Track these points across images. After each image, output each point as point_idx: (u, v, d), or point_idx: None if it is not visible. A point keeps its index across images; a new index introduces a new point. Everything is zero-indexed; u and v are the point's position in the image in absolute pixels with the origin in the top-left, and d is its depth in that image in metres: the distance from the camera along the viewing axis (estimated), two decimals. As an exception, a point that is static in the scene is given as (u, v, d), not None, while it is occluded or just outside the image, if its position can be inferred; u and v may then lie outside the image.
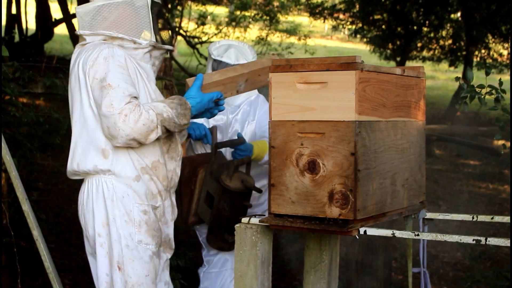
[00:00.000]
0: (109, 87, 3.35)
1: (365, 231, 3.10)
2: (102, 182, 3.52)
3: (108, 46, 3.46)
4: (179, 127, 3.51)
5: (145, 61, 3.64)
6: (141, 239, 3.53)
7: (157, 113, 3.39)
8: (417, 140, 3.57)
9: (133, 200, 3.53)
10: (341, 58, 3.09)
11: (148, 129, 3.35)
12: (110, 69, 3.39)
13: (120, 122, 3.30)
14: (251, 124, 4.52)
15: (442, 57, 20.18)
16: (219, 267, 4.61)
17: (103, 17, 3.55)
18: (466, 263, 7.37)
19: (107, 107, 3.32)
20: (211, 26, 18.68)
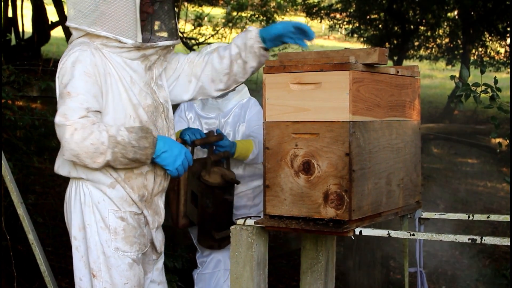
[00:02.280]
0: (68, 95, 3.19)
1: (360, 231, 3.10)
2: (80, 186, 3.41)
3: (80, 49, 3.28)
4: (140, 153, 3.28)
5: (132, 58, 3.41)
6: (118, 246, 3.40)
7: (110, 135, 3.18)
8: (412, 139, 3.57)
9: (109, 206, 3.40)
10: (335, 58, 3.09)
11: (96, 150, 3.16)
12: (74, 75, 3.22)
13: (68, 135, 3.14)
14: (241, 126, 4.54)
15: (439, 55, 20.20)
16: (212, 268, 4.61)
17: (89, 11, 3.33)
18: (464, 261, 7.37)
19: (60, 115, 3.16)
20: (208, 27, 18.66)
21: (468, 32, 17.61)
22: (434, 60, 20.92)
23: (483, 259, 7.35)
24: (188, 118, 4.64)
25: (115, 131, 3.20)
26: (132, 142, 3.24)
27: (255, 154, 4.33)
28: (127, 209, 3.43)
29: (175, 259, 5.09)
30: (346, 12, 20.00)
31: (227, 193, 4.16)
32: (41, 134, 5.86)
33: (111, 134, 3.18)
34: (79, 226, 3.42)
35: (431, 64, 22.43)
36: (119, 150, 3.20)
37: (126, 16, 3.31)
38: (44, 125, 5.77)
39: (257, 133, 4.39)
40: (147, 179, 3.47)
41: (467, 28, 17.56)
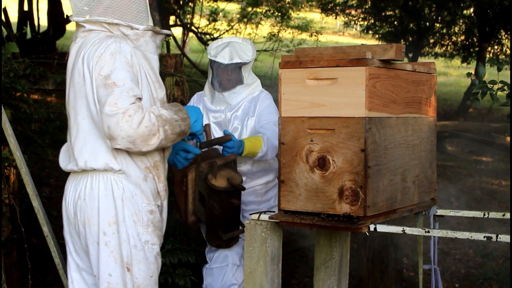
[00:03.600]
0: (114, 85, 3.19)
1: (375, 227, 3.09)
2: (111, 180, 3.38)
3: (115, 41, 3.31)
4: (183, 124, 3.38)
5: (151, 52, 3.48)
6: (148, 239, 3.44)
7: (157, 115, 3.25)
8: (428, 136, 3.55)
9: (141, 200, 3.43)
10: (351, 54, 3.08)
11: (150, 132, 3.20)
12: (116, 66, 3.24)
13: (123, 122, 3.15)
14: (251, 120, 4.50)
15: (454, 53, 20.08)
16: (219, 263, 4.62)
17: (98, 2, 3.39)
18: (478, 260, 7.33)
19: (110, 105, 3.15)
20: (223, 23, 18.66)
21: (484, 30, 17.52)
22: (450, 58, 20.80)
23: (497, 258, 7.31)
24: None
25: (157, 110, 3.27)
26: (174, 116, 3.33)
27: (264, 151, 4.29)
28: (156, 202, 3.50)
29: (188, 254, 5.09)
30: (361, 8, 19.94)
31: (234, 197, 4.15)
32: (56, 127, 5.87)
33: (157, 114, 3.24)
34: (110, 221, 3.37)
35: (446, 62, 22.33)
36: (168, 128, 3.28)
37: (134, 3, 3.40)
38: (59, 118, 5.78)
39: (267, 129, 4.36)
40: (165, 169, 3.58)
41: (483, 25, 17.46)
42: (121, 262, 3.39)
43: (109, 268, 3.39)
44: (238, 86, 4.49)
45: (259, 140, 4.29)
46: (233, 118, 4.53)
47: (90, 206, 3.40)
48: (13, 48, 4.46)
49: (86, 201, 3.41)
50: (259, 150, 4.29)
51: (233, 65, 4.45)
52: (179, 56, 6.44)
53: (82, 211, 3.42)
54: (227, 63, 4.43)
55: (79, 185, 3.45)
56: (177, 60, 6.25)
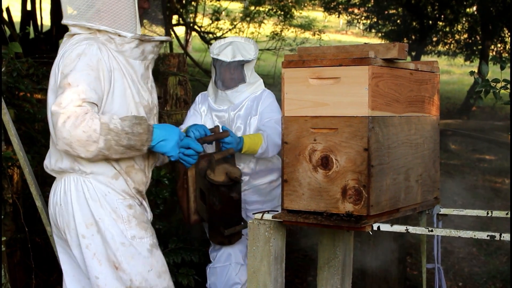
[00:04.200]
0: (68, 86, 3.14)
1: (378, 227, 3.09)
2: (81, 182, 3.35)
3: (88, 43, 3.27)
4: (135, 139, 3.22)
5: (134, 57, 3.43)
6: (134, 234, 3.38)
7: (102, 123, 3.12)
8: (431, 135, 3.55)
9: (115, 197, 3.38)
10: (354, 53, 3.08)
11: (88, 138, 3.09)
12: (77, 67, 3.18)
13: (60, 123, 3.08)
14: (253, 119, 4.50)
15: (457, 51, 20.09)
16: (223, 262, 4.63)
17: (87, 6, 3.34)
18: (481, 258, 7.33)
19: (56, 104, 3.10)
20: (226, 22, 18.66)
21: (487, 28, 17.50)
22: (453, 56, 20.82)
23: (500, 256, 7.30)
24: (201, 111, 4.64)
25: (107, 118, 3.15)
26: (125, 128, 3.18)
27: (264, 148, 4.29)
28: (132, 198, 3.46)
29: (192, 253, 5.10)
30: (364, 7, 19.95)
31: (233, 191, 4.14)
32: (60, 127, 5.87)
33: (103, 122, 3.12)
34: (86, 223, 3.33)
35: (449, 60, 22.33)
36: (112, 137, 3.15)
37: (124, 9, 3.33)
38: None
39: (268, 127, 4.36)
40: (146, 176, 3.54)
41: (486, 23, 17.45)
42: (108, 262, 3.35)
43: (95, 270, 3.35)
44: (240, 85, 4.50)
45: (259, 137, 4.29)
46: (236, 118, 4.54)
47: (66, 211, 3.37)
48: (16, 48, 4.46)
49: (62, 206, 3.39)
50: (259, 147, 4.28)
51: (236, 63, 4.46)
52: (182, 55, 6.45)
53: (61, 217, 3.40)
54: (230, 61, 4.44)
55: (56, 191, 3.43)
56: (180, 59, 6.26)
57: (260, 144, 4.28)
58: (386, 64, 3.12)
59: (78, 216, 3.34)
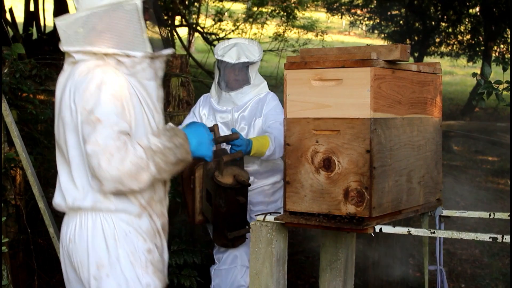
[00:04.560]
0: (97, 121, 2.91)
1: (380, 228, 3.09)
2: (100, 219, 3.07)
3: (102, 71, 3.00)
4: (180, 151, 3.06)
5: (148, 78, 3.19)
6: (149, 282, 3.12)
7: (144, 147, 2.94)
8: (433, 137, 3.55)
9: (136, 238, 3.11)
10: (356, 55, 3.07)
11: (138, 167, 2.90)
12: (101, 99, 2.94)
13: (104, 162, 2.86)
14: (258, 120, 4.51)
15: (460, 52, 20.08)
16: (228, 264, 4.62)
17: (89, 29, 3.06)
18: (484, 260, 7.32)
19: (91, 144, 2.88)
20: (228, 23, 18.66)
21: (490, 29, 17.49)
22: (455, 57, 20.80)
23: (503, 258, 7.30)
24: (202, 114, 4.64)
25: (146, 141, 2.97)
26: (167, 144, 3.01)
27: (272, 150, 4.30)
28: (154, 241, 3.20)
29: (194, 255, 5.10)
30: (367, 8, 19.96)
31: (240, 194, 4.15)
32: (62, 128, 5.88)
33: (144, 146, 2.95)
34: (99, 263, 3.06)
35: (452, 61, 22.32)
36: (159, 158, 2.97)
37: (129, 27, 3.08)
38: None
39: (274, 128, 4.37)
40: (163, 206, 3.31)
41: (489, 24, 17.43)
42: None
43: None
44: (245, 86, 4.51)
45: (267, 139, 4.31)
46: (240, 119, 4.54)
47: (80, 248, 3.09)
48: (19, 49, 4.47)
49: (76, 243, 3.10)
50: (266, 149, 4.29)
51: (240, 64, 4.47)
52: (184, 56, 6.46)
53: (74, 255, 3.12)
54: (234, 62, 4.45)
55: (69, 227, 3.15)
56: (183, 60, 6.26)
57: (268, 146, 4.29)
58: (388, 65, 3.12)
59: (92, 255, 3.06)
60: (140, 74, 3.15)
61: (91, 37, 3.06)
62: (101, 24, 3.06)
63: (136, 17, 3.08)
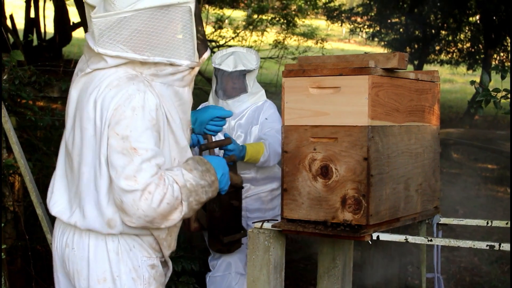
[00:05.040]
0: (134, 153, 2.65)
1: (378, 236, 3.09)
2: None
3: (138, 90, 2.70)
4: (211, 190, 2.90)
5: (184, 85, 2.91)
6: None
7: (181, 186, 2.75)
8: (431, 144, 3.55)
9: (141, 253, 2.92)
10: (354, 63, 3.08)
11: (171, 207, 2.73)
12: (137, 126, 2.67)
13: (142, 201, 2.66)
14: (255, 128, 4.52)
15: (460, 60, 20.09)
16: (222, 271, 4.62)
17: (131, 32, 2.73)
18: (483, 268, 7.32)
19: (128, 179, 2.64)
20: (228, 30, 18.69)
21: (490, 37, 17.51)
22: (455, 65, 20.81)
23: (502, 266, 7.29)
24: None
25: (180, 178, 2.77)
26: (200, 182, 2.83)
27: (266, 156, 4.31)
28: (158, 255, 3.03)
29: (192, 261, 5.10)
30: (367, 15, 19.97)
31: (234, 197, 4.15)
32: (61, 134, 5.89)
33: (181, 184, 2.76)
34: (99, 277, 2.86)
35: (452, 69, 22.32)
36: (193, 199, 2.81)
37: (178, 32, 2.80)
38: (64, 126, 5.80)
39: (269, 135, 4.38)
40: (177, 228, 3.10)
41: (489, 32, 17.46)
42: None
43: None
44: (242, 95, 4.52)
45: (262, 146, 4.31)
46: (237, 126, 4.55)
47: (80, 256, 2.89)
48: (18, 56, 4.47)
49: (74, 250, 2.89)
50: (261, 156, 4.30)
51: (237, 72, 4.48)
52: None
53: (71, 262, 2.92)
54: (231, 70, 4.46)
55: (68, 232, 2.95)
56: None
57: (262, 152, 4.30)
58: (386, 73, 3.12)
59: (94, 267, 2.86)
60: (178, 82, 2.88)
61: (134, 42, 2.75)
62: (146, 28, 2.74)
63: (189, 22, 2.80)
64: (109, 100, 2.69)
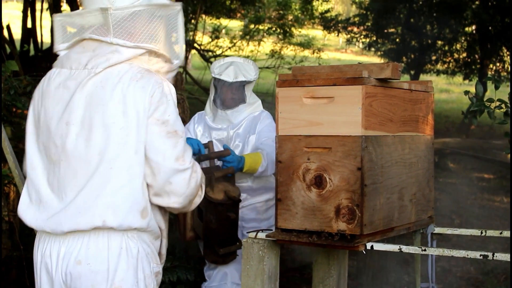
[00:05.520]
0: (177, 135, 2.76)
1: (372, 246, 3.09)
2: (125, 238, 2.78)
3: (161, 79, 2.79)
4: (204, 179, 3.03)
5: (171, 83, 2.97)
6: None
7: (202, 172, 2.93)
8: (425, 154, 3.56)
9: (152, 260, 2.91)
10: (348, 73, 3.09)
11: (197, 190, 2.90)
12: (172, 111, 2.78)
13: (193, 180, 2.81)
14: (252, 137, 4.53)
15: (456, 70, 20.16)
16: (218, 281, 4.60)
17: (143, 24, 2.82)
18: (479, 277, 7.31)
19: (179, 159, 2.75)
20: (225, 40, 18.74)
21: (486, 47, 17.59)
22: (451, 75, 20.88)
23: (498, 275, 7.29)
24: (197, 131, 4.65)
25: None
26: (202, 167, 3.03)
27: (264, 166, 4.31)
28: (161, 263, 3.02)
29: (187, 271, 5.09)
30: (363, 25, 20.04)
31: (231, 210, 4.15)
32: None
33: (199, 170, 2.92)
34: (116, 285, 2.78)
35: (448, 79, 22.39)
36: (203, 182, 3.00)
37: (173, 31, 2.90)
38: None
39: (266, 145, 4.39)
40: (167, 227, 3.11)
41: (485, 42, 17.52)
42: None
43: None
44: (241, 105, 4.53)
45: (259, 156, 4.32)
46: (235, 136, 4.56)
47: (97, 270, 2.77)
48: (13, 66, 4.48)
49: (90, 265, 2.77)
50: (259, 166, 4.31)
51: (238, 83, 4.49)
52: (179, 73, 6.48)
53: (84, 279, 2.78)
54: (232, 81, 4.47)
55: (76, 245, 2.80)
56: (178, 77, 6.28)
57: (260, 162, 4.30)
58: (379, 83, 3.13)
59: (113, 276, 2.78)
60: (170, 80, 2.93)
61: (144, 35, 2.82)
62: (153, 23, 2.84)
63: (182, 23, 2.92)
64: (141, 90, 2.73)
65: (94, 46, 2.84)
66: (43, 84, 2.95)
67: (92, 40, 2.84)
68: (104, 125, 2.74)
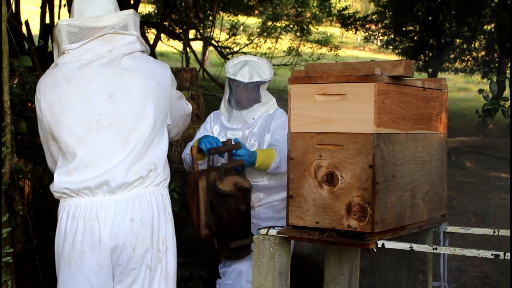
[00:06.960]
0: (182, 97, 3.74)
1: (383, 244, 3.08)
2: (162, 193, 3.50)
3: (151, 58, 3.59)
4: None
5: None
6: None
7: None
8: (438, 152, 3.54)
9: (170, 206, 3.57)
10: (360, 70, 3.08)
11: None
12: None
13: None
14: (267, 135, 4.52)
15: (475, 68, 20.01)
16: (233, 279, 4.59)
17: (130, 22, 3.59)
18: (494, 277, 7.28)
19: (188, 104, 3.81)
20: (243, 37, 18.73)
21: (505, 46, 17.45)
22: (470, 73, 20.73)
23: (513, 275, 7.25)
24: (214, 129, 4.65)
25: None
26: None
27: (277, 162, 4.31)
28: None
29: (200, 267, 5.10)
30: (381, 23, 19.96)
31: (241, 201, 4.16)
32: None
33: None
34: (163, 237, 3.44)
35: (467, 77, 22.25)
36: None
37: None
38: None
39: (280, 142, 4.38)
40: None
41: (504, 41, 17.39)
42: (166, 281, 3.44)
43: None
44: (255, 105, 4.53)
45: (272, 152, 4.32)
46: (250, 135, 4.56)
47: (146, 226, 3.34)
48: (27, 62, 4.49)
49: (142, 221, 3.33)
50: (272, 161, 4.30)
51: (253, 84, 4.48)
52: (194, 70, 6.48)
53: (135, 235, 3.34)
54: (247, 81, 4.46)
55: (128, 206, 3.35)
56: (193, 74, 6.29)
57: (273, 158, 4.30)
58: (392, 81, 3.12)
59: (158, 230, 3.41)
60: None
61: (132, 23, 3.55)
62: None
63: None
64: (162, 70, 3.53)
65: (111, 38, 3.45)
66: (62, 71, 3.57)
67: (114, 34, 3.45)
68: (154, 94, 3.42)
